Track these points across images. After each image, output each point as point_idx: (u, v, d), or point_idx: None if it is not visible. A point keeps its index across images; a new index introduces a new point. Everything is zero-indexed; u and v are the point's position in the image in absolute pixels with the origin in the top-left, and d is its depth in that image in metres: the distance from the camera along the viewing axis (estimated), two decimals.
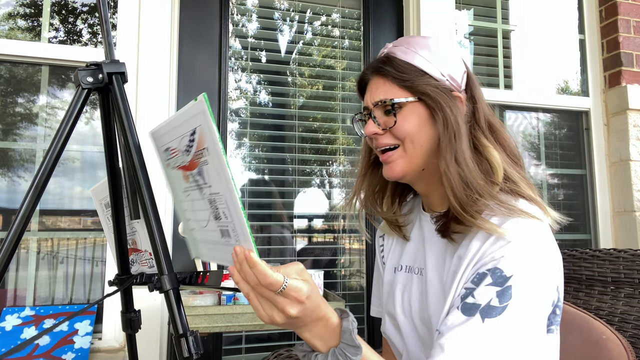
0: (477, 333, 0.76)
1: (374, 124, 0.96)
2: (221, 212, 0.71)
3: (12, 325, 1.70)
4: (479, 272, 0.81)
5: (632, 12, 2.51)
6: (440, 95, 0.91)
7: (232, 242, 0.71)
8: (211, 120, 0.65)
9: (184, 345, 0.70)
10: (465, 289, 0.81)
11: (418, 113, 0.93)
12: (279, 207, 2.21)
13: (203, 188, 0.73)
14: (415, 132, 0.93)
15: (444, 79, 0.93)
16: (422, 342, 0.97)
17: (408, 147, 0.94)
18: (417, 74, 0.93)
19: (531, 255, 0.80)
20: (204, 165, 0.70)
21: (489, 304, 0.77)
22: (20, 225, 0.75)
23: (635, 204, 2.35)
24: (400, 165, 0.96)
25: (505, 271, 0.78)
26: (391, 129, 0.94)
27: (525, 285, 0.78)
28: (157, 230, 0.74)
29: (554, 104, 2.53)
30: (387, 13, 2.38)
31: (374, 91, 0.98)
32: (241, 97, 2.21)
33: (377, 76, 0.98)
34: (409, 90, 0.93)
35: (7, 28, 1.95)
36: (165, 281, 0.73)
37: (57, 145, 0.76)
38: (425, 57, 0.93)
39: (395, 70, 0.94)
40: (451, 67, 0.95)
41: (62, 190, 1.91)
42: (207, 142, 0.67)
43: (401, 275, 1.06)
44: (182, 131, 0.72)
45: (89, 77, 0.80)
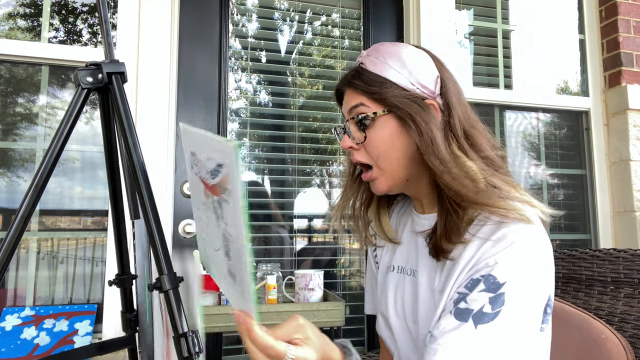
0: (469, 339, 0.76)
1: (348, 138, 0.96)
2: (231, 254, 0.71)
3: (12, 325, 1.70)
4: (473, 277, 0.81)
5: (632, 12, 2.51)
6: (410, 105, 0.90)
7: (237, 288, 0.71)
8: (237, 171, 0.62)
9: (184, 345, 0.70)
10: (458, 293, 0.81)
11: (390, 126, 0.92)
12: (279, 207, 2.21)
13: (219, 219, 0.73)
14: (389, 147, 0.93)
15: (414, 88, 0.92)
16: (414, 343, 0.96)
17: (383, 165, 0.94)
18: (386, 86, 0.92)
19: (524, 261, 0.80)
20: (224, 202, 0.69)
21: (482, 310, 0.77)
22: (20, 225, 0.75)
23: (635, 204, 2.35)
24: (383, 182, 0.96)
25: (499, 278, 0.78)
26: (363, 144, 0.94)
27: (518, 292, 0.78)
28: (156, 230, 0.74)
29: (554, 104, 2.53)
30: (387, 13, 2.38)
31: (346, 101, 0.99)
32: (241, 97, 2.21)
33: (349, 88, 0.98)
34: (379, 102, 0.92)
35: (7, 28, 1.95)
36: (165, 281, 0.73)
37: (57, 145, 0.76)
38: (393, 67, 0.93)
39: (364, 83, 0.94)
40: (421, 75, 0.93)
41: (62, 190, 1.91)
42: (230, 185, 0.66)
43: (394, 275, 1.05)
44: (211, 153, 0.70)
45: (88, 77, 0.80)
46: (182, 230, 1.99)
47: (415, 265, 0.99)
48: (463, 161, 0.88)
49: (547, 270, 0.83)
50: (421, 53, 0.96)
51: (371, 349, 2.16)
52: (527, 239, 0.81)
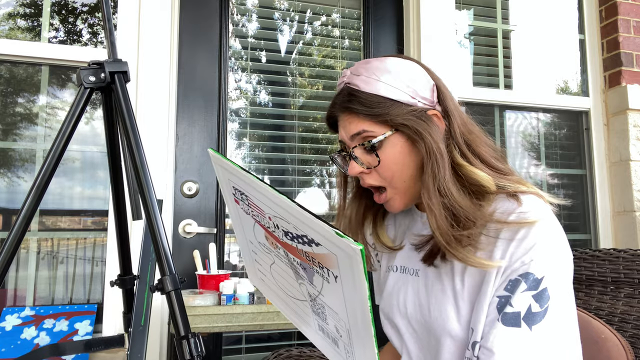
0: (528, 343, 0.75)
1: (357, 164, 0.92)
2: (332, 327, 0.68)
3: (12, 325, 1.69)
4: (511, 278, 0.80)
5: (632, 12, 2.51)
6: (418, 123, 0.87)
7: (340, 353, 0.70)
8: (364, 275, 0.56)
9: (186, 347, 0.70)
10: (498, 297, 0.80)
11: (400, 145, 0.90)
12: None
13: (303, 279, 0.70)
14: (401, 166, 0.90)
15: (415, 102, 0.89)
16: (420, 343, 0.96)
17: (398, 184, 0.92)
18: (387, 105, 0.88)
19: (554, 253, 0.80)
20: (320, 277, 0.65)
21: (530, 310, 0.76)
22: (22, 225, 0.75)
23: (635, 204, 2.35)
24: (398, 201, 0.94)
25: (537, 274, 0.78)
26: (376, 168, 0.91)
27: (557, 283, 0.78)
28: (159, 230, 0.74)
29: (554, 104, 2.53)
30: (387, 13, 2.38)
31: (346, 127, 0.93)
32: (241, 97, 2.21)
33: (346, 113, 0.93)
34: (385, 124, 0.88)
35: (7, 28, 1.95)
36: (167, 282, 0.73)
37: (59, 145, 0.76)
38: (389, 83, 0.88)
39: (364, 106, 0.89)
40: (419, 86, 0.90)
41: (62, 190, 1.91)
42: (348, 282, 0.60)
43: (395, 276, 1.04)
44: (296, 223, 0.63)
45: (91, 76, 0.80)
46: (182, 230, 1.99)
47: (419, 265, 0.97)
48: (468, 169, 0.87)
49: (569, 257, 0.83)
50: (411, 64, 0.92)
51: None
52: (549, 232, 0.81)
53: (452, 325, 0.86)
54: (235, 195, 0.76)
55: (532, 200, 0.84)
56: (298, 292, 0.76)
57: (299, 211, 0.59)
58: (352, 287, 0.59)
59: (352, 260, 0.56)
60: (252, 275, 0.96)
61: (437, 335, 0.89)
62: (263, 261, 0.83)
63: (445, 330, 0.87)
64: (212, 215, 2.04)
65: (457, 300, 0.87)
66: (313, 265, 0.65)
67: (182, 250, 1.98)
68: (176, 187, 2.00)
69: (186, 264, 1.95)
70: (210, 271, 1.80)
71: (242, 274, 2.09)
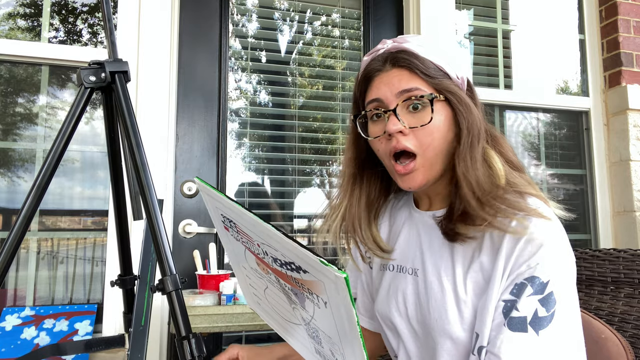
0: (536, 348, 0.75)
1: (397, 121, 0.85)
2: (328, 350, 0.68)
3: (12, 325, 1.69)
4: (517, 282, 0.79)
5: (632, 12, 2.51)
6: (463, 98, 0.87)
7: None
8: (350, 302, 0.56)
9: (187, 347, 0.70)
10: (504, 301, 0.80)
11: (445, 114, 0.87)
12: (279, 207, 2.21)
13: (295, 305, 0.70)
14: (441, 135, 0.87)
15: (459, 82, 0.89)
16: (420, 343, 0.95)
17: (430, 154, 0.87)
18: (440, 73, 0.87)
19: (560, 255, 0.80)
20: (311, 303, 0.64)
21: (537, 315, 0.76)
22: (22, 225, 0.75)
23: (635, 204, 2.35)
24: (421, 175, 0.88)
25: (542, 278, 0.77)
26: (423, 126, 0.85)
27: (563, 287, 0.78)
28: (160, 231, 0.74)
29: (554, 104, 2.53)
30: (387, 13, 2.38)
31: (395, 81, 0.87)
32: (241, 97, 2.20)
33: (399, 68, 0.88)
34: (436, 88, 0.86)
35: (7, 28, 1.95)
36: (167, 283, 0.73)
37: (59, 145, 0.76)
38: (441, 56, 0.88)
39: (420, 63, 0.86)
40: (463, 71, 0.91)
41: (62, 190, 1.91)
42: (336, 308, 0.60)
43: (391, 275, 1.03)
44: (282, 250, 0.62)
45: (91, 76, 0.80)
46: (182, 230, 1.99)
47: (418, 264, 0.96)
48: (494, 157, 0.87)
49: (573, 260, 0.83)
50: (461, 50, 0.94)
51: None
52: (554, 235, 0.81)
53: (453, 327, 0.86)
54: (224, 223, 0.75)
55: (537, 202, 0.84)
56: (292, 316, 0.75)
57: (283, 239, 0.58)
58: (340, 312, 0.59)
59: (338, 287, 0.55)
60: (248, 298, 0.96)
61: (435, 336, 0.89)
62: (257, 285, 0.83)
63: (444, 331, 0.87)
64: None
65: (459, 302, 0.86)
66: (303, 292, 0.64)
67: (182, 250, 1.98)
68: (176, 187, 2.00)
69: (186, 264, 1.95)
70: (210, 271, 1.80)
71: None
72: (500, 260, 0.81)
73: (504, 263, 0.81)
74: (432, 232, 0.96)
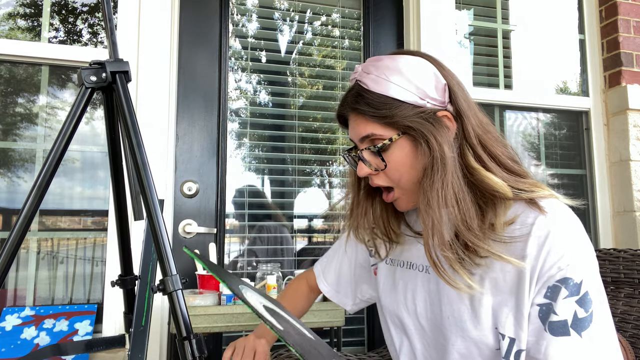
0: (581, 350, 0.75)
1: (365, 166, 0.92)
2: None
3: (12, 325, 1.69)
4: (549, 285, 0.78)
5: (632, 12, 2.51)
6: (422, 125, 0.85)
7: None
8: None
9: (188, 348, 0.70)
10: (539, 305, 0.79)
11: (407, 148, 0.88)
12: (279, 207, 2.21)
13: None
14: (409, 168, 0.89)
15: (424, 102, 0.86)
16: (427, 340, 0.95)
17: (405, 186, 0.91)
18: (395, 106, 0.86)
19: (587, 252, 0.80)
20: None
21: (577, 316, 0.76)
22: (22, 226, 0.75)
23: (635, 204, 2.35)
24: (405, 201, 0.94)
25: (575, 278, 0.77)
26: (383, 170, 0.91)
27: (595, 285, 0.78)
28: (161, 231, 0.74)
29: (554, 104, 2.53)
30: (387, 13, 2.38)
31: (355, 128, 0.93)
32: (241, 97, 2.20)
33: (354, 114, 0.93)
34: (391, 125, 0.87)
35: (7, 28, 1.95)
36: (169, 283, 0.73)
37: (60, 145, 0.76)
38: (398, 84, 0.86)
39: (370, 107, 0.88)
40: (429, 87, 0.87)
41: (62, 190, 1.91)
42: None
43: (402, 271, 1.03)
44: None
45: (92, 76, 0.79)
46: (182, 230, 1.99)
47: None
48: (483, 175, 0.84)
49: (594, 254, 0.83)
50: (422, 62, 0.89)
51: (371, 349, 2.16)
52: (578, 232, 0.81)
53: (466, 326, 0.85)
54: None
55: (553, 204, 0.83)
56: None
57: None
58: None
59: None
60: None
61: (447, 334, 0.89)
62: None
63: (457, 330, 0.87)
64: (212, 215, 2.04)
65: (473, 302, 0.86)
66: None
67: (181, 251, 1.98)
68: (176, 187, 2.00)
69: (186, 264, 1.95)
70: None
71: (242, 274, 2.09)
72: (526, 263, 0.80)
73: (531, 265, 0.80)
74: None
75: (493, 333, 0.84)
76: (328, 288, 1.26)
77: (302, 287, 1.33)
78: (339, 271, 1.26)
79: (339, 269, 1.25)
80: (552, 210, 0.82)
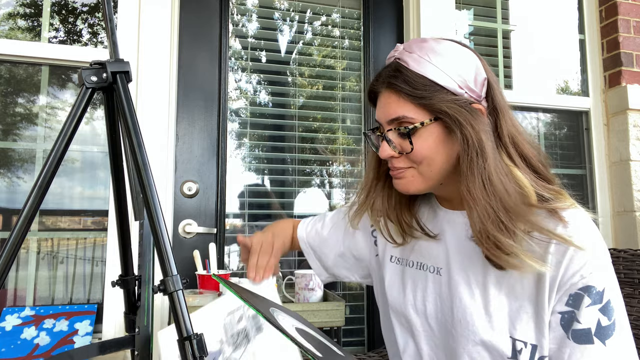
0: (605, 358, 0.75)
1: (389, 148, 0.88)
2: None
3: (12, 325, 1.69)
4: (571, 293, 0.78)
5: (632, 12, 2.51)
6: (459, 112, 0.82)
7: None
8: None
9: (189, 348, 0.70)
10: (560, 313, 0.79)
11: (436, 134, 0.86)
12: (279, 207, 2.21)
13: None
14: (434, 155, 0.86)
15: (462, 92, 0.84)
16: (435, 342, 0.94)
17: (424, 170, 0.88)
18: (432, 89, 0.83)
19: (607, 261, 0.80)
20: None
21: (600, 324, 0.76)
22: (23, 226, 0.75)
23: (635, 204, 2.35)
24: (414, 184, 0.90)
25: (598, 286, 0.77)
26: (408, 154, 0.87)
27: (616, 292, 0.78)
28: (161, 231, 0.74)
29: (554, 104, 2.53)
30: (387, 13, 2.38)
31: (385, 107, 0.89)
32: (241, 97, 2.20)
33: (389, 90, 0.88)
34: (425, 108, 0.84)
35: (7, 28, 1.95)
36: (169, 283, 0.73)
37: (60, 145, 0.76)
38: (439, 67, 0.84)
39: (407, 85, 0.84)
40: (469, 77, 0.85)
41: (62, 190, 1.91)
42: None
43: (411, 271, 1.00)
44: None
45: (92, 76, 0.79)
46: (182, 230, 1.99)
47: (442, 263, 0.94)
48: (514, 172, 0.83)
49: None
50: (466, 52, 0.87)
51: (371, 349, 2.16)
52: (600, 241, 0.81)
53: (479, 330, 0.84)
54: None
55: (574, 215, 0.82)
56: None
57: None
58: None
59: None
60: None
61: (457, 337, 0.88)
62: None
63: (468, 334, 0.86)
64: (212, 215, 2.04)
65: (488, 306, 0.85)
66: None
67: (182, 250, 1.98)
68: (176, 187, 2.00)
69: (186, 264, 1.95)
70: (210, 271, 1.80)
71: (242, 274, 2.09)
72: (547, 269, 0.79)
73: (551, 273, 0.79)
74: (459, 231, 0.94)
75: (506, 340, 0.83)
76: (305, 242, 1.22)
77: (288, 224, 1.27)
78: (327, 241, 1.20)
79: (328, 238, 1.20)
80: (573, 220, 0.81)
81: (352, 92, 2.31)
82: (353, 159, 2.29)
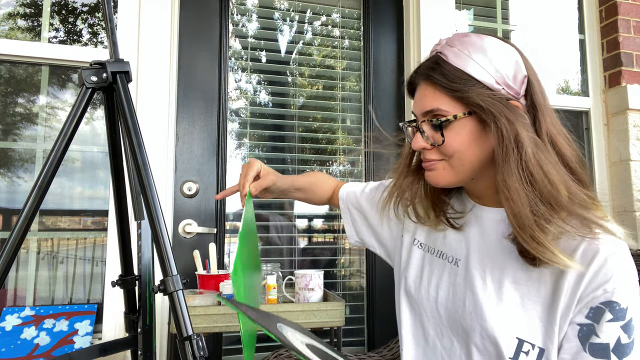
0: None
1: (422, 139, 0.89)
2: None
3: (12, 325, 1.69)
4: (592, 306, 0.77)
5: (632, 12, 2.51)
6: (493, 105, 0.82)
7: None
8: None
9: (188, 348, 0.70)
10: (579, 325, 0.78)
11: (470, 128, 0.86)
12: (279, 207, 2.21)
13: None
14: (466, 149, 0.86)
15: (499, 88, 0.84)
16: (442, 329, 0.95)
17: (455, 163, 0.88)
18: (469, 83, 0.83)
19: (634, 280, 0.79)
20: None
21: (620, 341, 0.75)
22: (23, 226, 0.75)
23: (635, 204, 2.35)
24: (446, 177, 0.91)
25: (622, 303, 0.76)
26: (439, 146, 0.88)
27: (638, 311, 0.77)
28: (162, 231, 0.74)
29: (554, 104, 2.49)
30: (387, 13, 2.38)
31: (421, 99, 0.90)
32: (241, 97, 2.20)
33: (426, 83, 0.89)
34: (460, 101, 0.85)
35: (7, 28, 1.95)
36: (169, 283, 0.73)
37: (61, 145, 0.76)
38: (479, 63, 0.84)
39: (445, 78, 0.85)
40: (508, 73, 0.85)
41: (62, 190, 1.91)
42: None
43: (429, 257, 1.02)
44: None
45: (93, 76, 0.79)
46: (182, 230, 1.99)
47: (462, 255, 0.95)
48: (548, 169, 0.81)
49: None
50: (508, 48, 0.87)
51: (371, 349, 2.16)
52: (628, 258, 0.80)
53: (486, 325, 0.85)
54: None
55: (608, 227, 0.81)
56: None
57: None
58: None
59: None
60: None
61: (467, 329, 0.89)
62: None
63: (476, 327, 0.87)
64: (212, 215, 2.04)
65: (500, 304, 0.85)
66: None
67: (182, 250, 1.98)
68: (176, 187, 2.00)
69: (186, 264, 1.95)
70: (210, 271, 1.80)
71: None
72: (568, 278, 0.79)
73: (573, 282, 0.79)
74: (485, 227, 0.94)
75: (512, 339, 0.83)
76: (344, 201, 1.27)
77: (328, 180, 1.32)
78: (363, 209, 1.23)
79: (364, 207, 1.23)
80: (606, 229, 0.80)
81: (352, 92, 2.31)
82: (353, 158, 2.29)
